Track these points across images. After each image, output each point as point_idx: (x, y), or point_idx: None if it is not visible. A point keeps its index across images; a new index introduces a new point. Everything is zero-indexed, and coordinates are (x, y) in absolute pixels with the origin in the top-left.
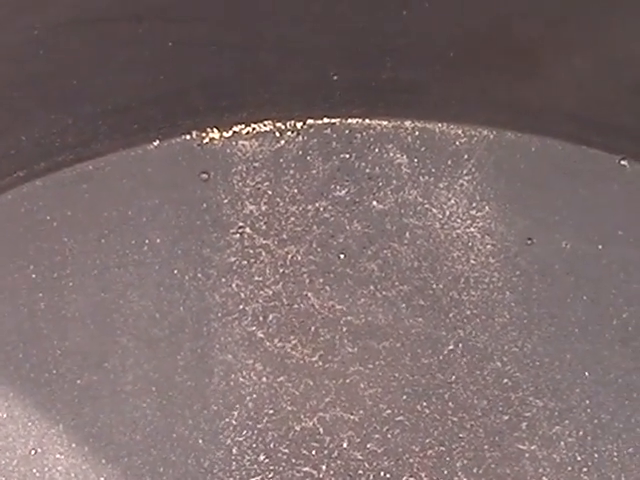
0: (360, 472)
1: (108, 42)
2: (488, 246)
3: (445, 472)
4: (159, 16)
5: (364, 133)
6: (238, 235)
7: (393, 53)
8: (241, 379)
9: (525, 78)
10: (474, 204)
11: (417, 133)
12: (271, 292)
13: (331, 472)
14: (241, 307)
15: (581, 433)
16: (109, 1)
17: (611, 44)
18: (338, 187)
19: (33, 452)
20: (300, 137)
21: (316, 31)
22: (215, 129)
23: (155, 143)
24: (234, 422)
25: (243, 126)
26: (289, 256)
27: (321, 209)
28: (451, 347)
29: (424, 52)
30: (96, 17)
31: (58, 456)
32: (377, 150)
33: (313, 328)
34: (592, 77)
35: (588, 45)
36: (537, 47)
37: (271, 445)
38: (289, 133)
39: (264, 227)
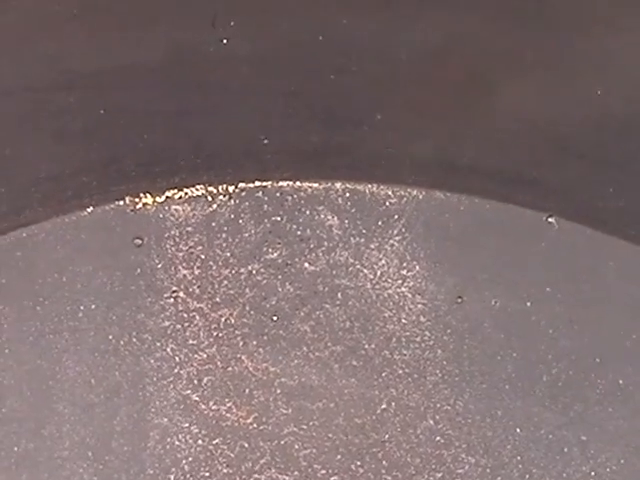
0: None
1: (40, 110)
2: (419, 305)
3: None
4: (90, 85)
5: (295, 195)
6: (172, 299)
7: (322, 116)
8: (177, 442)
9: (451, 139)
10: (405, 264)
11: (348, 195)
12: (205, 355)
13: None
14: (176, 371)
15: None
16: (40, 70)
17: (535, 102)
18: (270, 250)
19: None
20: (232, 201)
21: (245, 95)
22: (148, 194)
23: (89, 209)
24: None
25: (176, 191)
26: (222, 319)
27: (253, 272)
28: (384, 406)
29: (352, 114)
30: (28, 86)
31: None
32: (308, 212)
33: (247, 390)
34: (517, 135)
35: (512, 103)
36: (462, 108)
37: None
38: (221, 197)
39: (197, 291)
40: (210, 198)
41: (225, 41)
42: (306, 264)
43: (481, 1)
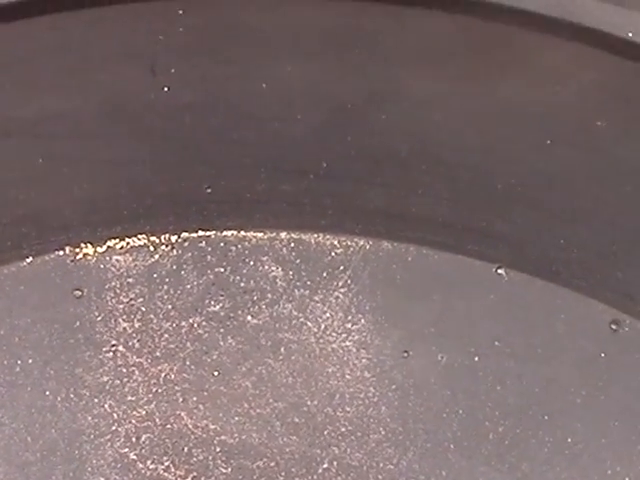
0: None
1: None
2: (363, 360)
3: None
4: (28, 132)
5: (239, 245)
6: (111, 353)
7: (267, 164)
8: None
9: (399, 188)
10: (350, 317)
11: (293, 244)
12: (144, 412)
13: None
14: (114, 428)
15: None
16: None
17: (484, 152)
18: (212, 302)
19: None
20: (174, 251)
21: (188, 144)
22: (89, 244)
23: (28, 260)
24: None
25: (117, 240)
26: (162, 374)
27: (195, 325)
28: (325, 465)
29: (298, 163)
30: None
31: None
32: (252, 263)
33: (186, 449)
34: (467, 186)
35: (461, 154)
36: (408, 159)
37: None
38: (163, 247)
39: (137, 345)
40: (152, 248)
41: (166, 89)
42: (249, 317)
43: (410, 52)
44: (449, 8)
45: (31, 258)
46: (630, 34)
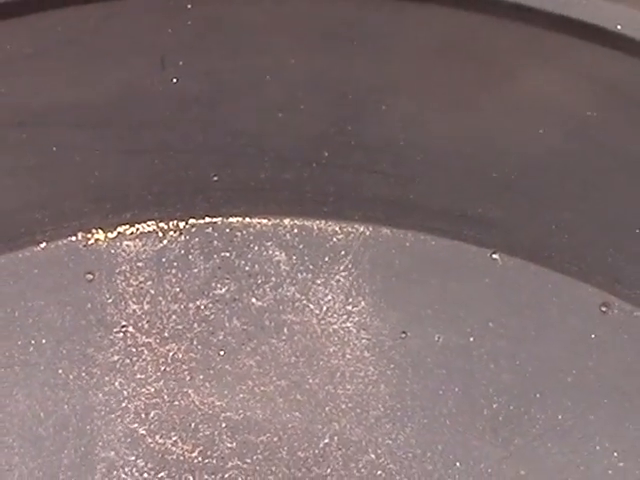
0: None
1: None
2: (363, 340)
3: None
4: (42, 122)
5: (244, 231)
6: (121, 334)
7: (271, 154)
8: (123, 475)
9: (398, 176)
10: (350, 299)
11: (296, 231)
12: (153, 389)
13: None
14: (123, 405)
15: None
16: None
17: (479, 141)
18: (219, 285)
19: None
20: (182, 236)
21: (195, 133)
22: (100, 230)
23: (42, 245)
24: None
25: (127, 227)
26: (170, 353)
27: (202, 307)
28: (327, 440)
29: (300, 152)
30: None
31: None
32: (257, 248)
33: (193, 424)
34: (462, 174)
35: (457, 143)
36: (406, 149)
37: None
38: (172, 233)
39: (146, 326)
40: (161, 234)
41: (175, 80)
42: (253, 299)
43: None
44: (447, 2)
45: (45, 243)
46: (619, 27)
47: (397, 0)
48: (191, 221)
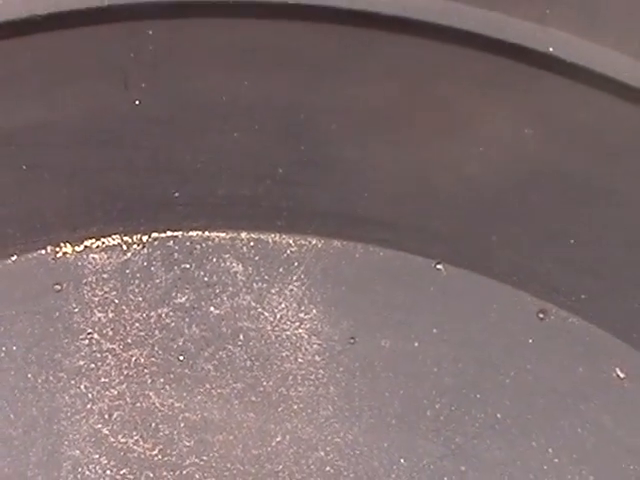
0: None
1: None
2: (315, 345)
3: None
4: (12, 142)
5: (203, 244)
6: (87, 340)
7: (228, 171)
8: (87, 472)
9: (348, 192)
10: (303, 307)
11: (252, 243)
12: (116, 392)
13: None
14: (88, 406)
15: None
16: None
17: (423, 159)
18: (179, 294)
19: None
20: (145, 249)
21: (157, 152)
22: (68, 244)
23: (13, 258)
24: None
25: (93, 240)
26: (133, 359)
27: (163, 315)
28: (279, 439)
29: (256, 169)
30: None
31: None
32: (215, 260)
33: (154, 424)
34: (408, 190)
35: (403, 161)
36: (356, 166)
37: None
38: (135, 246)
39: (111, 333)
40: (125, 247)
41: (137, 102)
42: (212, 308)
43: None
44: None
45: (15, 256)
46: (551, 49)
47: (343, 26)
48: (153, 235)
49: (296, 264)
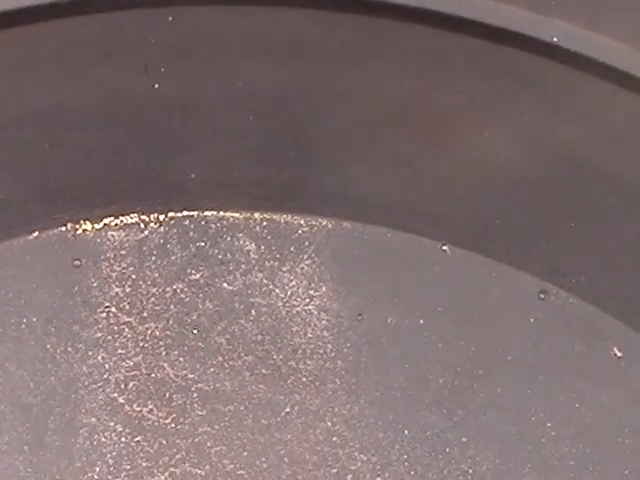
0: None
1: None
2: (323, 321)
3: None
4: (38, 122)
5: (218, 224)
6: (104, 314)
7: (243, 153)
8: (103, 439)
9: (357, 174)
10: (313, 285)
11: (264, 223)
12: (132, 363)
13: None
14: (105, 376)
15: None
16: None
17: (429, 144)
18: (193, 271)
19: None
20: (162, 228)
21: (174, 134)
22: (87, 221)
23: (34, 234)
24: (96, 477)
25: (112, 218)
26: (149, 331)
27: (178, 290)
28: (288, 410)
29: (269, 152)
30: None
31: None
32: (229, 238)
33: (168, 394)
34: (414, 173)
35: (409, 147)
36: (366, 150)
37: None
38: (152, 224)
39: (127, 306)
40: (142, 225)
41: (157, 86)
42: (225, 284)
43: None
44: (391, 15)
45: (37, 233)
46: (555, 39)
47: (358, 15)
48: (170, 214)
49: (307, 244)
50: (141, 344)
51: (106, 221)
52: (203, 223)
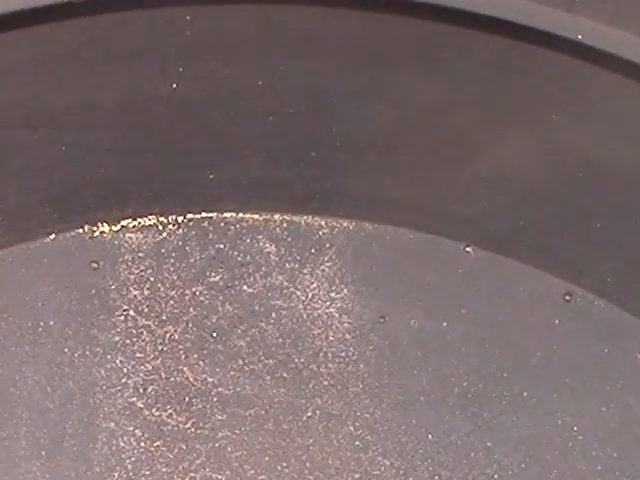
0: None
1: (6, 147)
2: (345, 324)
3: None
4: (53, 124)
5: (237, 225)
6: (123, 317)
7: (263, 154)
8: (122, 444)
9: (379, 174)
10: (334, 287)
11: (285, 225)
12: (151, 367)
13: None
14: (123, 380)
15: None
16: (9, 111)
17: (454, 143)
18: (213, 273)
19: None
20: (180, 230)
21: (193, 135)
22: (105, 223)
23: (51, 237)
24: None
25: (130, 220)
26: (167, 335)
27: (197, 293)
28: (309, 414)
29: (290, 153)
30: None
31: None
32: (249, 240)
33: (187, 398)
34: (437, 174)
35: (432, 147)
36: (387, 150)
37: None
38: (170, 226)
39: (146, 310)
40: (160, 227)
41: (175, 86)
42: (245, 286)
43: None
44: (416, 14)
45: (54, 235)
46: (580, 37)
47: (375, 12)
48: (189, 216)
49: (328, 245)
50: (160, 347)
51: (124, 223)
52: (222, 225)
